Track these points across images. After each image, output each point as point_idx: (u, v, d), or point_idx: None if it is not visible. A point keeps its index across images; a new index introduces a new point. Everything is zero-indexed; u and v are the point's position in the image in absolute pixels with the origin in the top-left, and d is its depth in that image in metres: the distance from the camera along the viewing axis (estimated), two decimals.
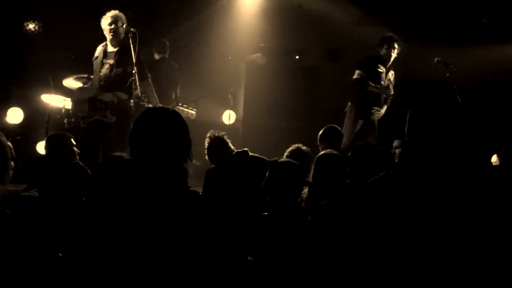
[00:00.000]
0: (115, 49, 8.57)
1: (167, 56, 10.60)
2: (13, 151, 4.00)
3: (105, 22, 8.52)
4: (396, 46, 9.75)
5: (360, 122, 9.56)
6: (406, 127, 3.18)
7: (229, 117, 11.16)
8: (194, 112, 9.03)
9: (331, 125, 7.75)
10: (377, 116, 9.68)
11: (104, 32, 8.57)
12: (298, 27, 11.58)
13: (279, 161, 5.02)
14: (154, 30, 8.85)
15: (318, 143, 7.61)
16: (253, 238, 4.51)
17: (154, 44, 10.61)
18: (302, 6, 12.14)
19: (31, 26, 11.27)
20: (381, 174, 3.15)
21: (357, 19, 12.16)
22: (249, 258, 4.30)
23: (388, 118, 9.92)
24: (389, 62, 9.78)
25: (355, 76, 9.54)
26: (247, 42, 11.17)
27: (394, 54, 9.73)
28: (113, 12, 8.55)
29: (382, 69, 9.65)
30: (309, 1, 12.06)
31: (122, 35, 8.49)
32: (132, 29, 8.30)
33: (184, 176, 2.99)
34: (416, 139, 3.11)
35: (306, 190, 5.07)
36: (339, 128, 7.77)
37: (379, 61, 9.69)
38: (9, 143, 3.18)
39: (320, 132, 7.66)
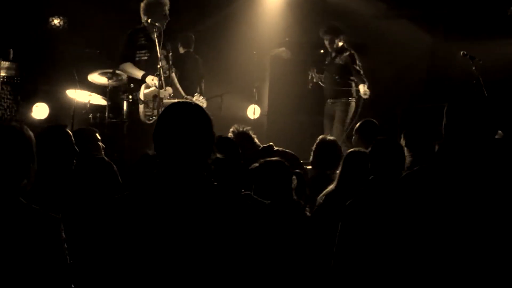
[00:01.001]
0: None
1: (192, 50, 10.62)
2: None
3: None
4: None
5: None
6: (444, 120, 3.17)
7: (253, 111, 11.14)
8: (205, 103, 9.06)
9: (369, 118, 7.68)
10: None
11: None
12: (322, 21, 11.52)
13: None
14: (179, 25, 8.83)
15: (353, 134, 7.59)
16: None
17: (179, 38, 10.62)
18: None
19: (56, 21, 11.31)
20: (416, 168, 3.13)
21: (381, 12, 12.09)
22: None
23: (414, 112, 9.87)
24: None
25: None
26: (271, 37, 11.15)
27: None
28: None
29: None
30: None
31: None
32: (157, 24, 8.31)
33: (208, 171, 2.95)
34: (455, 132, 3.10)
35: (295, 181, 5.05)
36: (375, 122, 7.68)
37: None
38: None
39: (357, 124, 7.63)
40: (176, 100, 8.20)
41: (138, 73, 8.60)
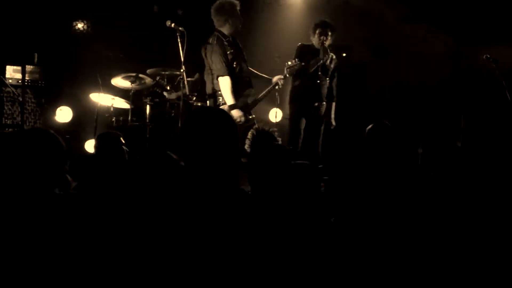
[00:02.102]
0: None
1: None
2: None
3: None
4: (329, 32, 9.29)
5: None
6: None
7: (275, 115, 11.13)
8: None
9: (380, 121, 7.59)
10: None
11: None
12: (344, 24, 11.52)
13: None
14: (203, 29, 8.84)
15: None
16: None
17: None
18: (349, 2, 12.08)
19: (80, 25, 11.38)
20: None
21: (404, 15, 12.06)
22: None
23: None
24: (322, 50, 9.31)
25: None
26: (293, 40, 11.08)
27: (328, 41, 9.29)
28: None
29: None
30: None
31: None
32: (180, 28, 8.32)
33: (233, 175, 2.96)
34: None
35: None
36: (388, 124, 7.59)
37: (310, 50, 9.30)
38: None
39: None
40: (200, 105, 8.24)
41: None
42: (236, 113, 8.09)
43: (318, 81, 9.23)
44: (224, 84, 8.21)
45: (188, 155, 3.00)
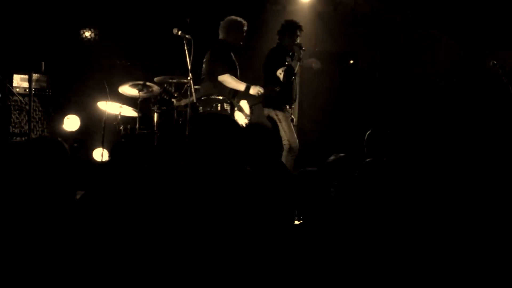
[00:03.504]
0: None
1: None
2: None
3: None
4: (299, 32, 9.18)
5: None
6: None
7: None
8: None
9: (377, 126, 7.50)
10: None
11: None
12: (352, 31, 11.53)
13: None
14: (210, 37, 8.86)
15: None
16: None
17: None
18: (356, 9, 12.09)
19: (87, 33, 11.40)
20: None
21: (410, 22, 12.06)
22: None
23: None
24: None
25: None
26: None
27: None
28: None
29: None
30: (363, 4, 12.00)
31: None
32: (187, 36, 8.32)
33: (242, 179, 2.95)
34: None
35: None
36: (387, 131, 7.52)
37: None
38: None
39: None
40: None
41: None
42: (253, 90, 8.61)
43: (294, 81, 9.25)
44: (227, 79, 8.60)
45: (195, 162, 2.98)
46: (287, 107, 9.09)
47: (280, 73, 8.87)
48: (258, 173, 4.86)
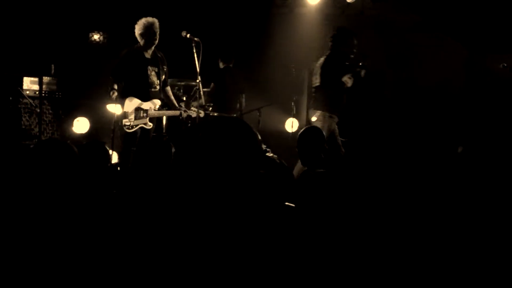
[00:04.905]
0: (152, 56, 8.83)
1: (231, 66, 10.56)
2: None
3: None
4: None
5: None
6: None
7: (292, 124, 11.16)
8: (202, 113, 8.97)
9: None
10: None
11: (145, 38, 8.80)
12: (360, 33, 11.54)
13: None
14: (217, 39, 8.89)
15: None
16: None
17: (220, 53, 10.61)
18: (364, 12, 12.09)
19: (96, 36, 11.45)
20: None
21: (417, 25, 12.06)
22: None
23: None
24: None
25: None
26: (309, 50, 11.14)
27: None
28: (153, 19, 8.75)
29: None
30: (370, 7, 12.01)
31: None
32: (195, 39, 8.34)
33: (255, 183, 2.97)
34: None
35: None
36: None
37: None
38: None
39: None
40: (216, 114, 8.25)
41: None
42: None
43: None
44: None
45: (206, 164, 3.01)
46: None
47: (349, 78, 8.95)
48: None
